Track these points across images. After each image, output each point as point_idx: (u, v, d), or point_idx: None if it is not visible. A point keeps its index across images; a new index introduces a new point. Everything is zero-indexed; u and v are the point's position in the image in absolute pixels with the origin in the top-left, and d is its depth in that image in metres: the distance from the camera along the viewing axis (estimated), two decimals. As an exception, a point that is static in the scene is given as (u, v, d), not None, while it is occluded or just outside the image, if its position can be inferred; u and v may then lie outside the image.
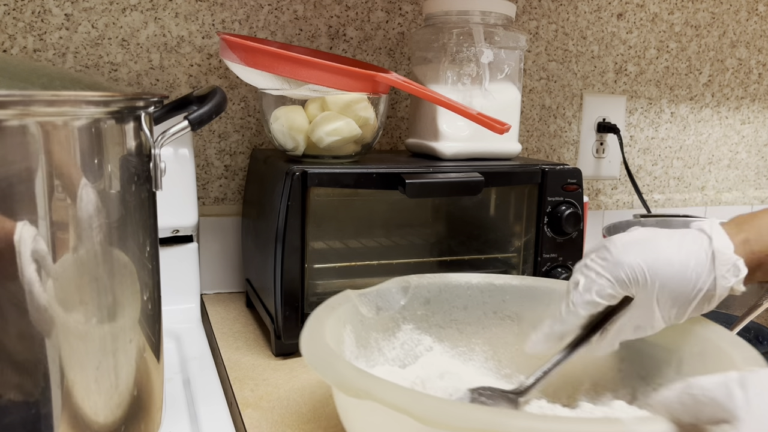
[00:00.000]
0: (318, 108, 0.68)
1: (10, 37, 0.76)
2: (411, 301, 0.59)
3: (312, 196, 0.65)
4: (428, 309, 0.60)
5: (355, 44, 0.91)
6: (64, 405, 0.40)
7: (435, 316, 0.60)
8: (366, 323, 0.56)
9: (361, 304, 0.56)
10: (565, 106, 1.06)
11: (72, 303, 0.40)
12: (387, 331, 0.58)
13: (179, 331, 0.72)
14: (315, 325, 0.48)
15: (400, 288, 0.59)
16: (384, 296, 0.58)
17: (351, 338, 0.53)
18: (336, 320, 0.51)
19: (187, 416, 0.54)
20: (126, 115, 0.43)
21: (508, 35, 0.78)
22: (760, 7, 1.17)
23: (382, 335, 0.57)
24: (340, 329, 0.52)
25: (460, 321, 0.60)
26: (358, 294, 0.56)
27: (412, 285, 0.60)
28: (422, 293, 0.60)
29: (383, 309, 0.58)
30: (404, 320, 0.59)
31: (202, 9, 0.83)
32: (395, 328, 0.58)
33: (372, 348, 0.56)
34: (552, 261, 0.75)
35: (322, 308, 0.52)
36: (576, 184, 0.74)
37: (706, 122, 1.18)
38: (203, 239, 0.87)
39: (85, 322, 0.41)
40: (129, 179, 0.44)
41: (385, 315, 0.58)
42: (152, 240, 0.48)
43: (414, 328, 0.59)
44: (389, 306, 0.58)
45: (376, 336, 0.57)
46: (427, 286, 0.60)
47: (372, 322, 0.57)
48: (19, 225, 0.37)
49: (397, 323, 0.59)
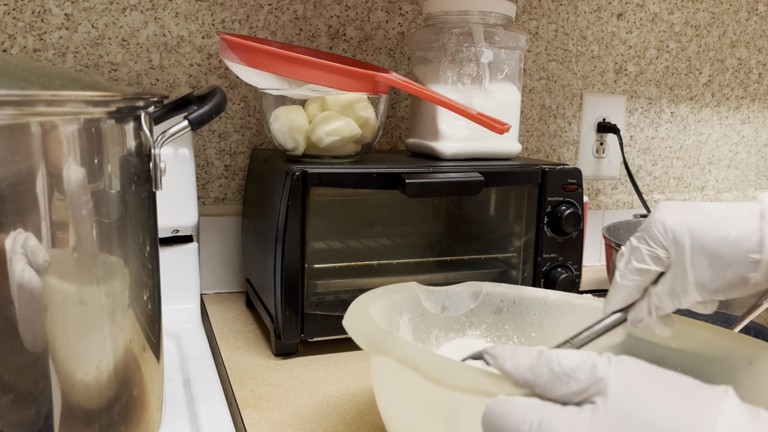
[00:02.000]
0: (318, 108, 0.68)
1: (10, 37, 0.76)
2: (480, 307, 0.58)
3: (312, 196, 0.65)
4: (499, 318, 0.59)
5: (355, 44, 0.91)
6: (63, 404, 0.40)
7: (506, 326, 0.59)
8: (428, 318, 0.56)
9: (426, 299, 0.56)
10: (565, 106, 1.06)
11: (72, 303, 0.40)
12: (451, 332, 0.58)
13: (179, 331, 0.72)
14: (366, 299, 0.49)
15: (470, 292, 0.59)
16: (452, 297, 0.58)
17: (408, 327, 0.54)
18: (391, 304, 0.52)
19: (187, 416, 0.54)
20: (126, 115, 0.43)
21: (508, 35, 0.78)
22: (760, 7, 1.17)
23: (444, 334, 0.57)
24: (395, 314, 0.52)
25: (533, 337, 0.58)
26: (425, 289, 0.57)
27: (484, 291, 0.59)
28: (494, 301, 0.59)
29: (449, 309, 0.58)
30: (471, 325, 0.58)
31: (202, 9, 0.83)
32: (460, 330, 0.58)
33: (431, 344, 0.56)
34: (552, 261, 0.75)
35: (378, 290, 0.52)
36: (576, 184, 0.74)
37: (706, 122, 1.18)
38: (203, 239, 0.87)
39: (84, 322, 0.41)
40: (129, 179, 0.44)
41: (450, 315, 0.57)
42: (152, 240, 0.48)
43: (480, 335, 0.59)
44: (456, 307, 0.58)
45: (437, 333, 0.57)
46: (500, 294, 0.59)
47: (435, 319, 0.57)
48: (19, 225, 0.37)
49: (462, 326, 0.58)
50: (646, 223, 0.43)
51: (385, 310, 0.51)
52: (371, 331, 0.42)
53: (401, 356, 0.38)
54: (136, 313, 0.46)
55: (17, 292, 0.37)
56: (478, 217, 0.78)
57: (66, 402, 0.40)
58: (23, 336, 0.38)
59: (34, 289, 0.38)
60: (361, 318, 0.45)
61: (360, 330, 0.43)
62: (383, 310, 0.51)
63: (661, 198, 1.16)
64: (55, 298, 0.39)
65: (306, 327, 0.66)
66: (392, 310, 0.52)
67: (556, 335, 0.57)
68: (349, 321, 0.45)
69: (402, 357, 0.38)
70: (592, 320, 0.47)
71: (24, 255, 0.37)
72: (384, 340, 0.40)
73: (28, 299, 0.38)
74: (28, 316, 0.38)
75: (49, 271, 0.38)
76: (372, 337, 0.42)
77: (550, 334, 0.58)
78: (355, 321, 0.45)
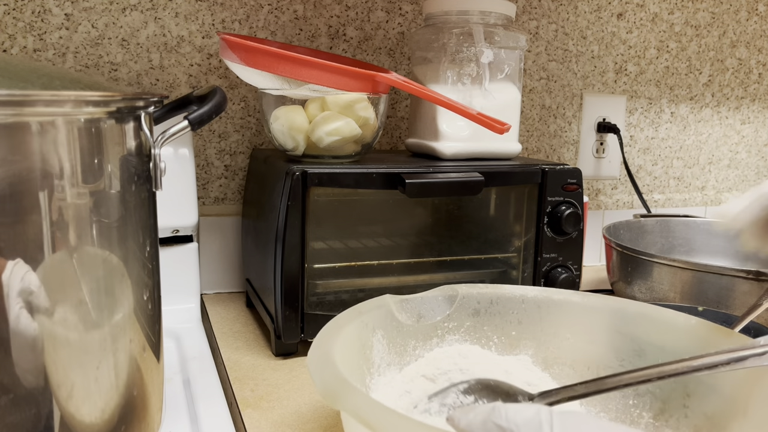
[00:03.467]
0: (318, 108, 0.68)
1: (10, 37, 0.76)
2: (457, 311, 0.57)
3: (312, 196, 0.65)
4: (477, 320, 0.58)
5: (355, 44, 0.91)
6: (63, 405, 0.40)
7: (485, 327, 0.58)
8: (404, 330, 0.54)
9: (400, 311, 0.55)
10: (565, 106, 1.06)
11: (72, 303, 0.40)
12: (429, 340, 0.56)
13: (179, 331, 0.72)
14: (333, 326, 0.47)
15: (446, 297, 0.57)
16: (428, 304, 0.56)
17: (382, 344, 0.52)
18: (362, 325, 0.50)
19: (187, 416, 0.54)
20: (126, 115, 0.43)
21: (508, 35, 0.78)
22: (760, 7, 1.17)
23: (422, 343, 0.56)
24: (367, 334, 0.51)
25: (513, 336, 0.58)
26: (398, 300, 0.55)
27: (460, 294, 0.58)
28: (471, 304, 0.58)
29: (425, 317, 0.56)
30: (449, 330, 0.57)
31: (202, 9, 0.83)
32: (439, 337, 0.57)
33: (409, 356, 0.55)
34: (552, 261, 0.75)
35: (348, 312, 0.51)
36: (576, 184, 0.74)
37: (706, 122, 1.18)
38: (203, 239, 0.87)
39: (84, 322, 0.41)
40: (129, 179, 0.44)
41: (426, 324, 0.56)
42: (152, 240, 0.48)
43: (460, 339, 0.57)
44: (432, 314, 0.56)
45: (414, 344, 0.55)
46: (476, 296, 0.58)
47: (412, 330, 0.55)
48: (19, 224, 0.37)
49: (441, 332, 0.57)
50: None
51: (357, 332, 0.49)
52: (329, 380, 0.40)
53: (354, 412, 0.36)
54: (136, 313, 0.46)
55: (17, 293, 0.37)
56: (478, 217, 0.78)
57: (66, 402, 0.40)
58: (22, 335, 0.38)
59: (33, 289, 0.38)
60: (323, 359, 0.42)
61: (319, 375, 0.40)
62: (355, 332, 0.49)
63: (661, 198, 1.16)
64: (55, 298, 0.39)
65: (306, 327, 0.66)
66: (364, 330, 0.50)
67: (536, 332, 0.58)
68: (312, 361, 0.42)
69: (355, 412, 0.36)
70: (569, 315, 0.46)
71: (23, 255, 0.37)
72: (340, 393, 0.38)
73: (27, 299, 0.38)
74: (26, 315, 0.38)
75: (48, 271, 0.38)
76: (329, 387, 0.39)
77: (530, 331, 0.57)
78: (317, 362, 0.42)
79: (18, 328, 0.38)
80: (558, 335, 0.57)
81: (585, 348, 0.56)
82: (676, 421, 0.49)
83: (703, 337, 0.50)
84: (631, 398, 0.51)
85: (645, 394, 0.51)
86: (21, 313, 0.38)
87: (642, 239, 0.94)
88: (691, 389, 0.48)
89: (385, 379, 0.52)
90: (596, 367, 0.55)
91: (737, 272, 0.70)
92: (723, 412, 0.46)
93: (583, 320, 0.56)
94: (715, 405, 0.46)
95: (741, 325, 0.55)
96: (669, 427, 0.49)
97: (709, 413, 0.47)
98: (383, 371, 0.53)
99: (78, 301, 0.40)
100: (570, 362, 0.56)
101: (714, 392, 0.47)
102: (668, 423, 0.49)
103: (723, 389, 0.46)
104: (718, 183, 1.22)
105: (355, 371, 0.48)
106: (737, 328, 0.55)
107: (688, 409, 0.48)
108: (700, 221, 0.97)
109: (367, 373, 0.50)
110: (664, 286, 0.75)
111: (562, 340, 0.57)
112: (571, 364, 0.56)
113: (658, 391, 0.50)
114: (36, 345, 0.39)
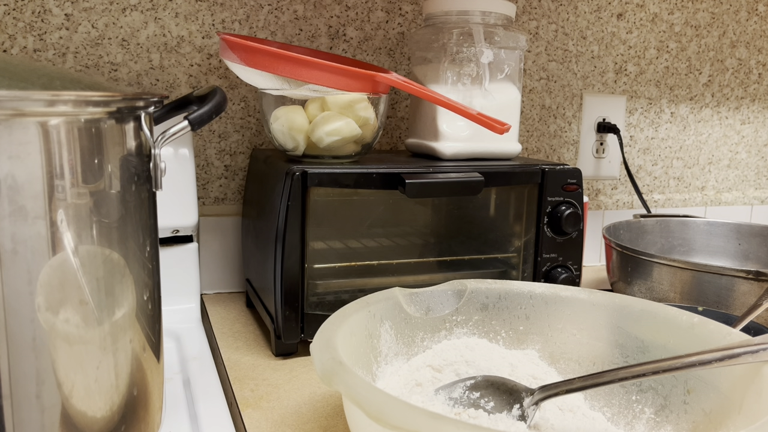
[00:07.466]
0: (318, 108, 0.68)
1: (10, 37, 0.76)
2: (466, 305, 0.58)
3: (312, 196, 0.66)
4: (485, 314, 0.59)
5: (355, 44, 0.91)
6: (64, 404, 0.40)
7: (493, 321, 0.59)
8: (412, 322, 0.56)
9: (409, 303, 0.56)
10: (565, 106, 1.06)
11: (72, 303, 0.40)
12: (437, 332, 0.58)
13: (179, 331, 0.72)
14: (339, 316, 0.49)
15: (455, 291, 0.59)
16: (436, 298, 0.58)
17: (390, 334, 0.54)
18: (369, 315, 0.52)
19: (187, 416, 0.54)
20: (126, 115, 0.43)
21: (508, 35, 0.78)
22: (760, 7, 1.17)
23: (431, 335, 0.57)
24: (374, 324, 0.52)
25: (520, 331, 0.59)
26: (407, 293, 0.56)
27: (469, 289, 0.59)
28: (479, 298, 0.59)
29: (434, 310, 0.57)
30: (457, 323, 0.58)
31: (202, 9, 0.83)
32: (447, 330, 0.58)
33: (417, 347, 0.56)
34: (552, 261, 0.75)
35: (355, 303, 0.52)
36: (576, 184, 0.74)
37: (706, 122, 1.18)
38: (203, 239, 0.87)
39: (84, 322, 0.41)
40: (129, 179, 0.44)
41: (435, 316, 0.57)
42: (152, 240, 0.48)
43: (468, 332, 0.59)
44: (441, 308, 0.58)
45: (422, 335, 0.57)
46: (485, 291, 0.59)
47: (420, 322, 0.56)
48: (19, 224, 0.37)
49: (449, 325, 0.58)
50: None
51: (363, 322, 0.51)
52: (327, 362, 0.41)
53: (346, 391, 0.38)
54: (136, 313, 0.46)
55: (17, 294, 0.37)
56: (478, 217, 0.78)
57: (66, 402, 0.40)
58: (22, 335, 0.38)
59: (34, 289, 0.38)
60: (324, 344, 0.44)
61: (319, 357, 0.42)
62: (362, 321, 0.51)
63: (661, 198, 1.16)
64: (55, 297, 0.39)
65: (306, 327, 0.66)
66: (371, 320, 0.52)
67: (544, 327, 0.58)
68: (315, 346, 0.44)
69: (347, 392, 0.37)
70: (576, 311, 0.47)
71: (23, 255, 0.37)
72: (335, 373, 0.40)
73: (28, 299, 0.38)
74: (26, 315, 0.38)
75: (48, 271, 0.38)
76: (326, 367, 0.41)
77: (537, 326, 0.58)
78: (319, 346, 0.44)
79: (18, 328, 0.38)
80: (565, 331, 0.57)
81: (591, 344, 0.56)
82: (676, 417, 0.49)
83: (705, 335, 0.50)
84: (634, 394, 0.52)
85: (647, 390, 0.51)
86: (21, 314, 0.38)
87: (642, 239, 0.94)
88: (692, 386, 0.49)
89: (392, 368, 0.54)
90: (602, 363, 0.55)
91: (737, 272, 0.70)
92: (720, 408, 0.46)
93: (590, 317, 0.57)
94: (713, 402, 0.47)
95: (741, 325, 0.55)
96: (669, 422, 0.49)
97: (707, 410, 0.47)
98: (390, 360, 0.54)
99: (78, 301, 0.40)
100: (576, 358, 0.57)
101: (712, 389, 0.47)
102: (668, 419, 0.50)
103: (721, 386, 0.47)
104: (718, 183, 1.22)
105: (361, 358, 0.50)
106: (737, 328, 0.55)
107: (688, 405, 0.49)
108: (699, 221, 0.97)
109: (373, 361, 0.52)
110: (664, 286, 0.75)
111: (569, 335, 0.57)
112: (578, 359, 0.57)
113: (660, 387, 0.51)
114: (36, 345, 0.39)
